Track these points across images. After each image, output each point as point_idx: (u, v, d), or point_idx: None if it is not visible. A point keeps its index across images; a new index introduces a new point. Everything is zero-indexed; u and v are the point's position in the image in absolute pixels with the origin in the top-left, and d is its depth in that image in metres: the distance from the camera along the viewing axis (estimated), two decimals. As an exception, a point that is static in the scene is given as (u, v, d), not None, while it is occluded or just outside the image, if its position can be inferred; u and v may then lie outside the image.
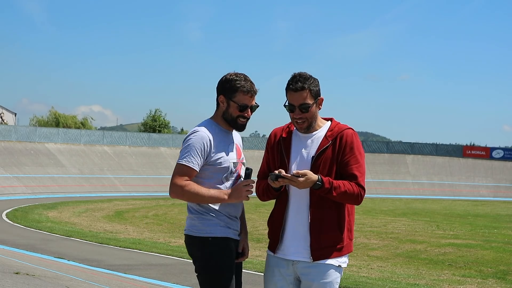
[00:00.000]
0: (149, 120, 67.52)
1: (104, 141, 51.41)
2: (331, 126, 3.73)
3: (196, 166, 3.68)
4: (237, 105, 3.73)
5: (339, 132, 3.68)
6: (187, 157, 3.68)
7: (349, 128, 3.73)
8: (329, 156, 3.64)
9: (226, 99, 3.75)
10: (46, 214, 24.64)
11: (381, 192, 52.86)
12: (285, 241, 3.69)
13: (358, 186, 3.60)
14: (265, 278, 3.81)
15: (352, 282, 9.91)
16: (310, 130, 3.73)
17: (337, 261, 3.65)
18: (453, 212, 30.34)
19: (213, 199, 3.67)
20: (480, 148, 63.21)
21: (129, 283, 9.01)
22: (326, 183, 3.52)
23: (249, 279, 10.06)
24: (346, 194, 3.56)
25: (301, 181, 3.48)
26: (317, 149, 3.66)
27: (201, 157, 3.69)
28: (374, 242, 16.51)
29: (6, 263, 9.00)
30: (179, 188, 3.68)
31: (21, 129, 48.53)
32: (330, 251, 3.62)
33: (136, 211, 27.25)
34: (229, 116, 3.76)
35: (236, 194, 3.68)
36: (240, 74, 3.78)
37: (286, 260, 3.68)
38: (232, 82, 3.73)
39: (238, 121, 3.77)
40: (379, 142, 67.90)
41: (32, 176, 42.25)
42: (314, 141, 3.71)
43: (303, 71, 3.72)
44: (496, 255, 13.98)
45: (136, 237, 17.64)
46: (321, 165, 3.62)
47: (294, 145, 3.74)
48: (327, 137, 3.68)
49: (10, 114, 65.60)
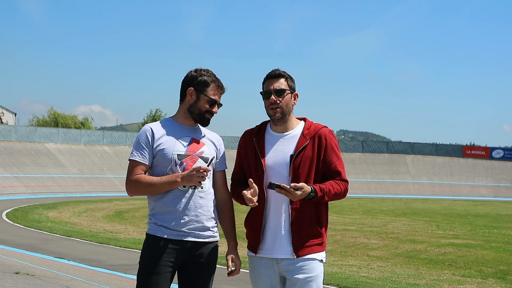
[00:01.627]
0: (149, 120, 67.53)
1: (104, 141, 51.43)
2: (306, 125, 3.74)
3: (141, 158, 3.68)
4: (208, 99, 3.71)
5: (316, 131, 3.69)
6: (132, 151, 3.73)
7: (325, 126, 3.75)
8: (309, 155, 3.64)
9: (197, 92, 3.72)
10: (46, 214, 24.65)
11: (381, 192, 52.87)
12: (267, 240, 3.68)
13: (342, 181, 3.67)
14: (252, 280, 3.79)
15: (352, 282, 9.91)
16: (284, 128, 3.72)
17: (319, 255, 3.68)
18: (453, 212, 30.33)
19: (165, 185, 3.62)
20: (480, 148, 63.24)
21: (129, 283, 9.01)
22: (318, 192, 3.57)
23: (248, 279, 10.06)
24: (336, 195, 3.63)
25: (298, 194, 3.50)
26: (296, 147, 3.65)
27: (147, 149, 3.69)
28: (374, 242, 16.51)
29: (6, 263, 9.00)
30: (131, 184, 3.70)
31: (21, 129, 48.55)
32: (312, 246, 3.64)
33: (136, 211, 27.24)
34: (196, 110, 3.73)
35: (187, 178, 3.60)
36: (209, 71, 3.79)
37: (270, 259, 3.67)
38: (205, 76, 3.73)
39: (205, 116, 3.74)
40: (379, 142, 67.92)
41: (32, 176, 42.27)
42: (290, 140, 3.69)
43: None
44: (496, 255, 13.97)
45: (136, 237, 17.64)
46: (301, 164, 3.62)
47: (269, 144, 3.72)
48: (305, 136, 3.67)
49: (10, 114, 65.64)
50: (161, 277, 3.63)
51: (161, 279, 3.63)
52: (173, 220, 3.65)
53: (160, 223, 3.66)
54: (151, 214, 3.73)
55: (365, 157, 58.98)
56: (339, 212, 27.46)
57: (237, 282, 9.58)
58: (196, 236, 3.68)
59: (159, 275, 3.62)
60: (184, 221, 3.65)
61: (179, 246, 3.65)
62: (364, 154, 59.51)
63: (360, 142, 64.62)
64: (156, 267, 3.62)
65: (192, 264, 3.71)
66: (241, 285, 9.43)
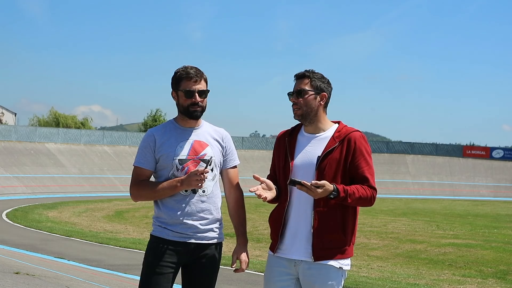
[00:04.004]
0: (149, 120, 67.50)
1: (104, 141, 51.43)
2: (339, 128, 3.70)
3: (144, 164, 3.73)
4: (183, 93, 3.73)
5: (347, 134, 3.64)
6: (136, 158, 3.77)
7: (357, 130, 3.69)
8: (336, 157, 3.59)
9: (175, 92, 3.77)
10: (46, 214, 24.65)
11: (381, 192, 52.73)
12: (286, 240, 3.63)
13: (370, 188, 3.58)
14: (265, 279, 3.75)
15: (352, 282, 9.91)
16: (315, 130, 3.69)
17: (339, 263, 3.58)
18: (453, 212, 30.34)
19: (167, 190, 3.66)
20: (480, 148, 63.22)
21: (129, 283, 9.02)
22: (341, 192, 3.48)
23: (249, 279, 10.07)
24: (361, 199, 3.53)
25: (319, 192, 3.44)
26: (324, 149, 3.61)
27: (150, 155, 3.73)
28: (374, 242, 16.51)
29: (6, 263, 9.01)
30: (135, 190, 3.76)
31: (21, 129, 48.55)
32: (333, 252, 3.56)
33: (136, 211, 27.25)
34: (181, 108, 3.76)
35: (187, 182, 3.63)
36: (183, 67, 3.81)
37: (287, 260, 3.62)
38: (176, 74, 3.77)
39: (189, 110, 3.74)
40: (379, 142, 67.90)
41: (32, 176, 42.26)
42: (321, 141, 3.66)
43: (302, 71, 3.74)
44: (496, 255, 13.97)
45: (136, 237, 17.65)
46: (327, 166, 3.57)
47: (300, 145, 3.70)
48: (335, 138, 3.63)
49: (10, 114, 65.69)
50: (163, 277, 3.66)
51: (163, 279, 3.66)
52: (176, 224, 3.69)
53: (164, 225, 3.71)
54: (156, 217, 3.78)
55: (367, 157, 58.91)
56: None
57: (237, 282, 9.59)
58: (199, 238, 3.71)
59: (161, 275, 3.66)
60: (186, 225, 3.69)
61: (183, 248, 3.69)
62: (364, 154, 59.46)
63: (360, 142, 64.54)
64: (158, 268, 3.66)
65: (196, 265, 3.74)
66: (242, 285, 9.44)
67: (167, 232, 3.69)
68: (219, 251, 3.81)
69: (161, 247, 3.69)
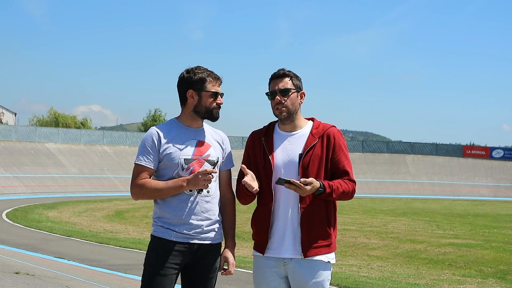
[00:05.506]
0: (149, 120, 67.53)
1: (104, 141, 51.43)
2: (315, 125, 3.74)
3: (147, 162, 3.66)
4: (210, 93, 3.69)
5: (325, 130, 3.69)
6: (138, 155, 3.69)
7: (333, 126, 3.75)
8: (318, 153, 3.63)
9: (197, 92, 3.69)
10: (46, 214, 24.65)
11: (381, 192, 52.84)
12: (274, 239, 3.66)
13: (351, 181, 3.65)
14: (256, 281, 3.76)
15: (352, 282, 9.90)
16: (292, 127, 3.71)
17: (327, 257, 3.65)
18: (453, 212, 30.34)
19: (171, 189, 3.61)
20: (480, 148, 63.24)
21: (129, 283, 9.01)
22: (327, 188, 3.54)
23: (249, 279, 10.06)
24: (344, 193, 3.61)
25: (308, 189, 3.48)
26: (305, 146, 3.64)
27: (153, 153, 3.67)
28: (374, 242, 16.51)
29: (6, 263, 9.01)
30: (136, 189, 3.68)
31: (21, 129, 48.55)
32: (320, 247, 3.62)
33: (136, 211, 27.25)
34: (203, 109, 3.70)
35: (193, 181, 3.59)
36: (200, 66, 3.76)
37: (276, 260, 3.65)
38: (199, 73, 3.71)
39: (213, 112, 3.71)
40: (379, 142, 67.87)
41: (32, 176, 42.26)
42: (299, 139, 3.69)
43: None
44: (496, 255, 13.97)
45: (136, 237, 17.64)
46: (310, 163, 3.61)
47: (277, 143, 3.71)
48: (313, 135, 3.67)
49: (10, 114, 65.67)
50: (166, 279, 3.64)
51: (166, 281, 3.64)
52: (179, 224, 3.65)
53: (167, 226, 3.66)
54: (157, 217, 3.72)
55: (365, 157, 58.97)
56: (339, 211, 27.06)
57: (237, 282, 9.59)
58: (202, 239, 3.69)
59: (164, 277, 3.63)
60: (190, 225, 3.66)
61: (186, 249, 3.66)
62: (364, 154, 59.50)
63: (360, 142, 64.64)
64: (161, 269, 3.63)
65: (197, 265, 3.72)
66: (241, 285, 9.44)
67: (170, 233, 3.65)
68: (219, 251, 3.81)
69: (164, 248, 3.65)
